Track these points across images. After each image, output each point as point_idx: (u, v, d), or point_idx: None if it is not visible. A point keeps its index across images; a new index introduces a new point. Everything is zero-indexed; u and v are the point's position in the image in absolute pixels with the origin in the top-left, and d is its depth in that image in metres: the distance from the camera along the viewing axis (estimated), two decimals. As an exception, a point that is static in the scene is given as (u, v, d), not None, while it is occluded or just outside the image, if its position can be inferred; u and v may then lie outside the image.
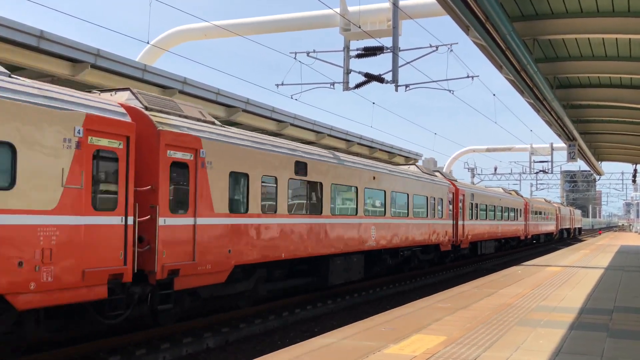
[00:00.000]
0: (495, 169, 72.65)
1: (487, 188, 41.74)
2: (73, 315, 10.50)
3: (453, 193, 29.11)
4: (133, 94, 11.98)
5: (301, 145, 16.87)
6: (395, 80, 21.26)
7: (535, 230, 50.65)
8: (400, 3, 22.47)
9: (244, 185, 13.79)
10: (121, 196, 10.39)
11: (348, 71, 22.45)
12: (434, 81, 22.93)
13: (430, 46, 21.52)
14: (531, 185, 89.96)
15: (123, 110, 10.70)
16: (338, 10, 23.44)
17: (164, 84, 18.31)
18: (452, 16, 13.00)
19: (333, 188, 17.68)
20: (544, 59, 17.72)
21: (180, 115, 12.57)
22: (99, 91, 12.19)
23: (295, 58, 22.49)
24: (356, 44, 23.01)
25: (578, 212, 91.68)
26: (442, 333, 9.55)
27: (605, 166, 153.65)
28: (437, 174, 29.83)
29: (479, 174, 71.99)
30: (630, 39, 15.48)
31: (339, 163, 18.17)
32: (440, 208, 26.84)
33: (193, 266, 11.96)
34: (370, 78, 21.43)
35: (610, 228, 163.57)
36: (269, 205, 14.66)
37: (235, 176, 13.45)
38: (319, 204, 16.93)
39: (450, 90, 23.63)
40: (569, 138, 27.39)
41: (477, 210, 32.90)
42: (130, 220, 10.53)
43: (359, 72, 21.90)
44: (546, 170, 60.62)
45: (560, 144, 47.76)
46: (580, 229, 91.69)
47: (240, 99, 21.61)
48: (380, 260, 21.72)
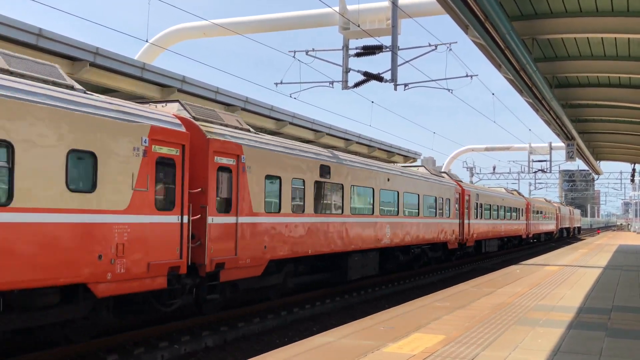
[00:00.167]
0: (494, 168, 72.69)
1: (491, 188, 42.40)
2: (133, 304, 11.71)
3: (459, 193, 30.13)
4: (182, 105, 13.30)
5: (324, 150, 18.31)
6: (394, 79, 21.24)
7: (536, 229, 51.27)
8: (400, 2, 22.45)
9: (277, 187, 15.20)
10: (178, 197, 11.77)
11: (347, 70, 22.43)
12: (433, 80, 22.92)
13: (430, 45, 21.52)
14: (530, 184, 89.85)
15: (178, 121, 12.14)
16: (337, 9, 23.42)
17: (163, 82, 18.28)
18: (452, 15, 12.99)
19: (353, 189, 18.99)
20: (543, 59, 17.72)
21: (221, 124, 13.89)
22: (153, 103, 13.53)
23: (294, 57, 22.47)
24: (355, 43, 23.01)
25: (577, 212, 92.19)
26: (441, 332, 9.56)
27: (604, 165, 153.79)
28: (444, 175, 30.86)
29: (477, 173, 72.02)
30: (629, 38, 15.48)
31: (358, 166, 19.54)
32: (448, 208, 28.03)
33: (235, 260, 13.29)
34: (369, 77, 21.42)
35: (608, 227, 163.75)
36: (298, 206, 16.03)
37: (269, 179, 14.83)
38: (341, 204, 18.26)
39: (449, 90, 23.63)
40: (567, 137, 27.39)
41: (482, 210, 33.96)
42: (185, 219, 11.87)
43: (358, 71, 21.89)
44: (545, 170, 60.66)
45: (559, 143, 47.68)
46: (579, 228, 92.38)
47: (239, 98, 21.59)
48: (393, 257, 22.87)
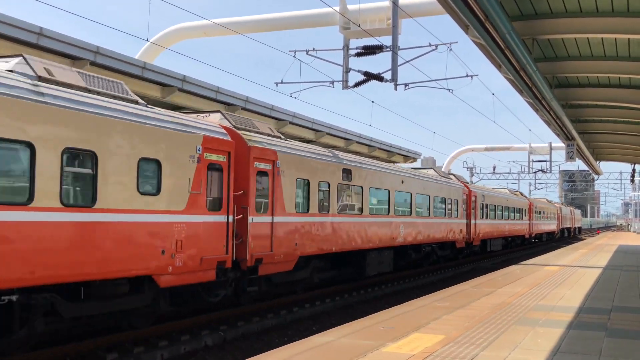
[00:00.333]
0: (494, 168, 72.66)
1: (495, 189, 43.25)
2: (184, 295, 12.89)
3: (466, 194, 31.23)
4: (223, 115, 14.64)
5: (346, 155, 19.67)
6: (394, 79, 21.23)
7: (538, 229, 52.10)
8: (400, 2, 22.44)
9: (306, 189, 16.56)
10: (224, 199, 13.12)
11: (347, 70, 22.42)
12: (433, 80, 22.91)
13: (430, 45, 21.50)
14: (530, 184, 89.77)
15: (224, 131, 13.52)
16: (338, 8, 23.41)
17: (163, 81, 18.27)
18: (452, 15, 13.00)
19: (371, 191, 20.26)
20: (543, 59, 17.72)
21: (257, 132, 15.27)
22: (197, 113, 14.87)
23: (294, 56, 22.46)
24: (356, 43, 22.99)
25: (578, 212, 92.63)
26: (441, 332, 9.56)
27: (604, 166, 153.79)
28: (452, 176, 31.91)
29: (477, 173, 72.00)
30: (629, 38, 15.48)
31: (375, 169, 20.86)
32: (456, 208, 29.27)
33: (271, 256, 14.67)
34: (369, 77, 21.42)
35: (608, 228, 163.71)
36: (323, 206, 17.35)
37: (300, 182, 16.20)
38: (361, 205, 19.55)
39: (449, 90, 23.62)
40: (567, 137, 27.39)
41: (487, 211, 35.05)
42: (230, 218, 13.23)
43: (359, 71, 21.89)
44: (545, 170, 60.65)
45: (559, 143, 47.63)
46: (580, 228, 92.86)
47: (239, 97, 21.58)
48: (406, 255, 24.17)
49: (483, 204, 34.06)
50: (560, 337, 9.34)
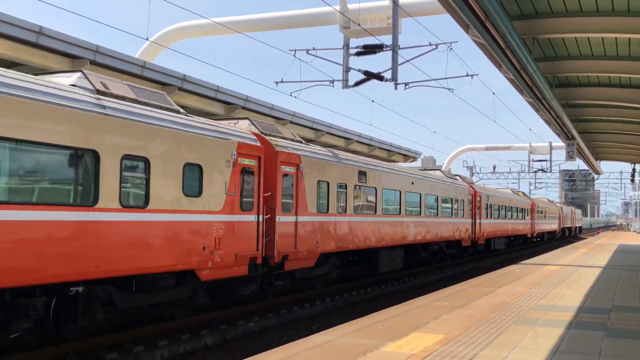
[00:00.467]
0: (494, 168, 72.63)
1: (499, 190, 44.10)
2: (219, 288, 13.91)
3: (472, 195, 32.15)
4: (251, 122, 15.78)
5: (361, 157, 20.70)
6: (394, 79, 21.22)
7: (540, 228, 52.86)
8: (400, 1, 22.43)
9: (326, 191, 17.55)
10: (255, 200, 14.22)
11: (347, 69, 22.41)
12: (433, 79, 22.91)
13: (430, 44, 21.49)
14: (530, 184, 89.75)
15: (254, 137, 14.57)
16: (338, 7, 23.40)
17: (163, 80, 18.27)
18: (452, 14, 12.99)
19: (384, 192, 21.24)
20: (544, 58, 17.71)
21: (281, 137, 16.26)
22: (227, 120, 15.93)
23: (294, 55, 22.45)
24: (356, 42, 22.96)
25: (579, 212, 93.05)
26: (440, 331, 9.56)
27: (604, 165, 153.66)
28: (457, 177, 32.75)
29: (477, 173, 71.95)
30: (629, 38, 15.47)
31: (388, 171, 21.86)
32: (462, 208, 30.31)
33: (295, 253, 15.77)
34: (369, 76, 21.40)
35: (608, 227, 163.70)
36: (342, 206, 18.36)
37: (320, 184, 17.22)
38: (374, 205, 20.49)
39: (449, 89, 23.61)
40: (568, 137, 27.38)
41: (491, 210, 35.98)
42: (260, 218, 14.33)
43: (359, 70, 21.87)
44: (545, 169, 60.64)
45: (559, 143, 47.63)
46: (580, 228, 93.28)
47: (239, 96, 21.58)
48: (416, 253, 25.12)
49: (487, 204, 34.93)
50: (560, 337, 9.34)
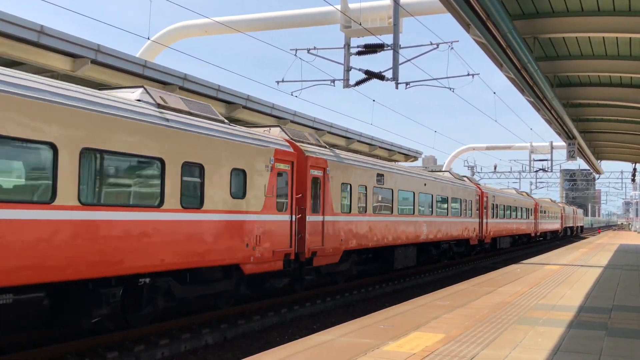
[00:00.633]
0: (495, 167, 72.62)
1: (504, 190, 45.19)
2: (255, 281, 15.23)
3: (479, 195, 33.39)
4: (282, 129, 16.93)
5: (379, 161, 21.99)
6: (395, 78, 21.23)
7: (543, 228, 53.82)
8: (401, 0, 22.43)
9: (349, 192, 18.79)
10: (289, 201, 15.51)
11: (348, 68, 22.41)
12: (434, 79, 22.92)
13: (431, 44, 21.51)
14: (531, 183, 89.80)
15: (287, 144, 15.86)
16: (339, 7, 23.39)
17: (164, 80, 18.25)
18: (453, 14, 12.98)
19: (399, 193, 22.47)
20: (545, 58, 17.70)
21: (309, 143, 17.42)
22: (262, 128, 17.08)
23: (295, 55, 22.46)
24: (357, 41, 22.96)
25: (580, 212, 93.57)
26: (441, 331, 9.56)
27: (605, 165, 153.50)
28: (465, 178, 34.07)
29: (478, 172, 71.93)
30: (630, 38, 15.45)
31: (403, 173, 23.11)
32: (470, 208, 31.56)
33: (323, 250, 17.05)
34: (370, 75, 21.41)
35: (609, 227, 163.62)
36: (362, 207, 19.54)
37: (344, 186, 18.48)
38: (391, 205, 21.74)
39: (450, 88, 23.61)
40: (568, 137, 27.36)
41: (497, 210, 37.32)
42: (293, 217, 15.62)
43: (360, 70, 21.89)
44: (546, 169, 60.65)
45: (560, 142, 47.70)
46: (582, 227, 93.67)
47: (240, 96, 21.56)
48: (427, 251, 26.51)
49: (494, 204, 36.17)
50: (561, 336, 9.34)
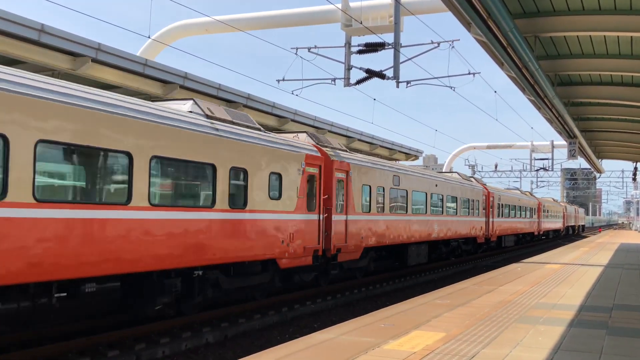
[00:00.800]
0: (496, 166, 72.63)
1: (509, 190, 46.26)
2: (287, 275, 16.55)
3: (485, 195, 34.53)
4: (308, 135, 18.23)
5: (395, 163, 23.30)
6: (396, 77, 21.22)
7: (546, 227, 54.62)
8: (402, -1, 22.39)
9: (369, 193, 19.91)
10: (317, 202, 16.73)
11: (349, 67, 22.41)
12: (435, 78, 22.90)
13: (432, 43, 21.48)
14: (531, 182, 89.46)
15: (315, 149, 17.09)
16: (339, 5, 23.38)
17: (164, 78, 18.27)
18: (454, 13, 12.97)
19: (413, 194, 23.67)
20: (546, 56, 17.69)
21: (332, 147, 18.70)
22: (292, 134, 18.18)
23: (296, 54, 22.45)
24: (357, 40, 22.95)
25: (582, 211, 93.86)
26: (442, 329, 9.56)
27: (606, 164, 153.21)
28: (472, 179, 35.31)
29: (479, 171, 71.92)
30: (631, 36, 15.44)
31: (416, 175, 24.32)
32: (477, 207, 32.76)
33: (346, 247, 18.20)
34: (371, 74, 21.41)
35: (610, 226, 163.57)
36: (380, 207, 20.69)
37: (364, 187, 19.58)
38: (406, 205, 22.98)
39: (451, 87, 23.59)
40: (569, 136, 27.36)
41: (503, 210, 38.46)
42: (321, 217, 16.83)
43: (360, 68, 21.88)
44: (547, 168, 60.67)
45: (560, 141, 47.74)
46: (583, 226, 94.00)
47: (241, 95, 21.56)
48: (437, 248, 27.90)
49: (499, 204, 37.27)
50: (562, 335, 9.34)
